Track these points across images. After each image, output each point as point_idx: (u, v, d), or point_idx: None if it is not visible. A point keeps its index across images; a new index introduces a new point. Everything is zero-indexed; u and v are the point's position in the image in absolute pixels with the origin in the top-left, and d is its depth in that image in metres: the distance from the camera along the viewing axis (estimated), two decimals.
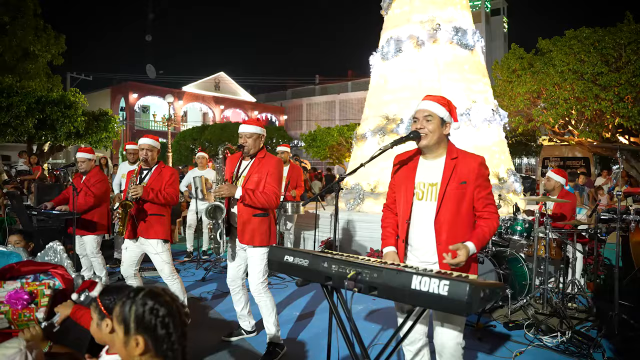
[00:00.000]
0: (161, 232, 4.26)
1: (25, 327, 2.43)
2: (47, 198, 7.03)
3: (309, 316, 4.87)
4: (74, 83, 26.17)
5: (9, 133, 10.80)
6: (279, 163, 3.92)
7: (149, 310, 1.46)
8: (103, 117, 13.01)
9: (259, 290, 3.84)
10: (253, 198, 3.68)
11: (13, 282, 2.57)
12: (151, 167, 4.42)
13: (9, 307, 2.43)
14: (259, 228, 3.80)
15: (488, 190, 2.55)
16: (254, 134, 3.85)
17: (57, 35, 15.89)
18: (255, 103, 38.36)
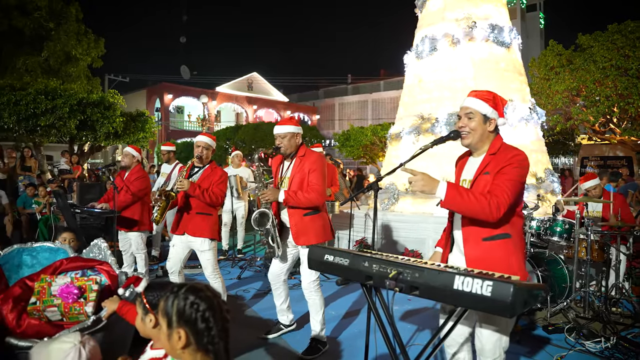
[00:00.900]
0: (208, 230, 4.32)
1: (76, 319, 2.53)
2: (89, 196, 7.28)
3: (345, 316, 4.88)
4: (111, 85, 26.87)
5: (52, 134, 11.21)
6: (320, 159, 3.88)
7: (190, 304, 1.50)
8: (140, 117, 13.37)
9: (310, 288, 3.88)
10: (296, 199, 3.70)
11: (64, 277, 2.68)
12: (203, 166, 4.46)
13: (61, 300, 2.54)
14: (312, 227, 3.81)
15: (505, 177, 2.32)
16: (288, 134, 3.84)
17: (96, 39, 16.40)
18: (288, 103, 38.58)
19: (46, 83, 10.88)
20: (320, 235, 3.82)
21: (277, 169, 4.05)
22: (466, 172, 2.61)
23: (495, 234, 2.39)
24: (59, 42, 14.83)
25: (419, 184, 2.29)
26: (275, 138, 3.92)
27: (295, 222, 3.81)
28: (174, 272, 4.47)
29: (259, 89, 36.43)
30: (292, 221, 3.82)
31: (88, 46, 15.87)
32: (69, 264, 2.83)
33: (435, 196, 2.32)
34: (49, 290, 2.57)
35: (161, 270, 6.65)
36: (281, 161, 4.02)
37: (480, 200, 2.27)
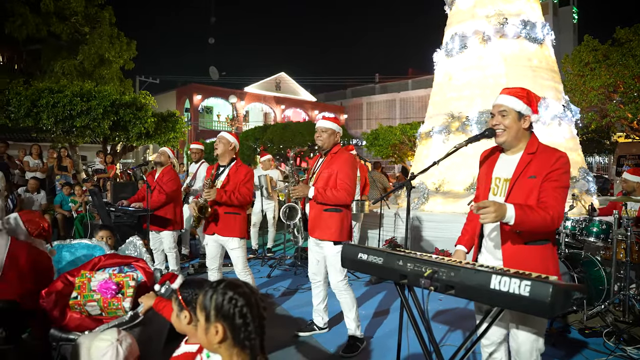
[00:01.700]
0: (237, 230, 4.38)
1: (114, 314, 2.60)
2: (123, 195, 7.43)
3: (374, 315, 4.87)
4: (142, 86, 27.42)
5: (87, 134, 11.53)
6: (350, 158, 3.91)
7: (229, 299, 1.51)
8: (171, 118, 13.62)
9: (340, 287, 3.90)
10: (324, 196, 3.76)
11: (102, 273, 2.75)
12: (227, 164, 4.50)
13: (100, 295, 2.61)
14: (329, 223, 3.84)
15: (556, 184, 2.31)
16: (329, 129, 3.93)
17: (128, 42, 16.77)
18: (316, 102, 38.68)
19: (81, 85, 11.18)
20: (335, 234, 3.83)
21: (313, 164, 4.13)
22: (500, 170, 2.55)
23: (538, 238, 2.36)
24: (93, 46, 15.23)
25: (491, 216, 2.18)
26: (315, 131, 4.00)
27: (314, 215, 3.89)
28: (213, 270, 4.55)
29: (287, 89, 36.63)
30: (311, 214, 3.91)
31: (120, 49, 16.24)
32: (106, 261, 2.91)
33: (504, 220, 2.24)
34: (89, 285, 2.65)
35: (192, 268, 6.76)
36: (317, 158, 4.10)
37: (542, 215, 2.23)
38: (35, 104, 10.35)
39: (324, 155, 4.00)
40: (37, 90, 10.54)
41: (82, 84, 11.37)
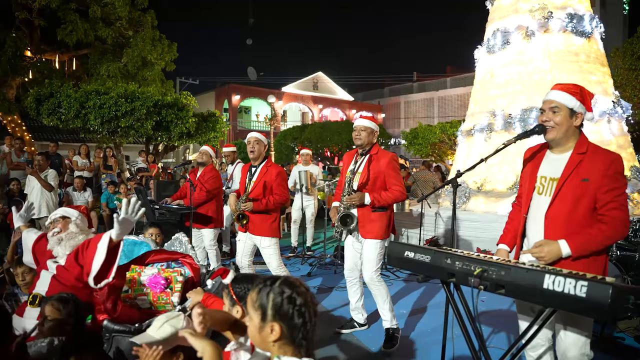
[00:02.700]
0: (268, 229, 4.43)
1: (163, 308, 2.67)
2: (165, 194, 7.61)
3: (416, 313, 4.82)
4: (182, 87, 28.05)
5: (131, 134, 11.88)
6: (394, 158, 3.97)
7: (288, 299, 1.49)
8: (211, 117, 13.90)
9: (373, 280, 3.93)
10: (381, 201, 3.82)
11: (151, 268, 2.83)
12: (259, 164, 4.55)
13: (150, 290, 2.68)
14: (378, 223, 3.90)
15: (617, 192, 2.25)
16: (368, 128, 3.96)
17: (170, 44, 17.15)
18: (353, 102, 38.61)
19: (126, 87, 11.53)
20: (383, 233, 3.93)
21: (348, 164, 4.12)
22: (546, 169, 2.48)
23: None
24: (137, 48, 15.64)
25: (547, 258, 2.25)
26: (354, 130, 4.02)
27: (363, 215, 3.92)
28: (243, 267, 4.61)
29: (324, 89, 36.71)
30: (360, 214, 3.93)
31: (162, 51, 16.63)
32: (155, 256, 2.99)
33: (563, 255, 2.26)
34: (139, 279, 2.73)
35: (233, 265, 6.85)
36: (353, 157, 4.09)
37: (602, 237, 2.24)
38: (84, 105, 10.76)
39: (362, 155, 4.00)
40: (85, 92, 10.95)
41: (127, 86, 11.73)
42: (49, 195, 7.01)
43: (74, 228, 3.09)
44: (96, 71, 15.67)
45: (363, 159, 3.98)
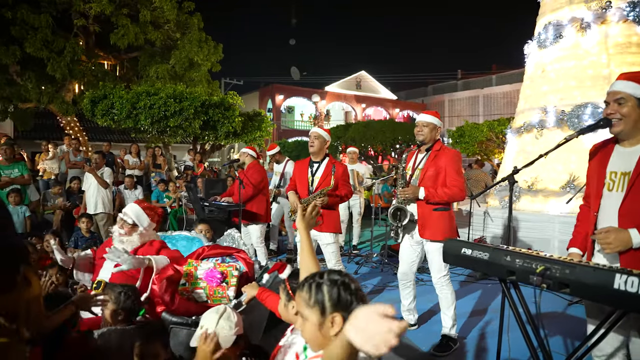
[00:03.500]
0: (332, 225, 4.44)
1: (218, 302, 2.72)
2: (213, 191, 7.79)
3: (471, 314, 4.72)
4: (227, 88, 28.55)
5: (179, 134, 12.19)
6: (457, 155, 3.87)
7: (342, 286, 1.47)
8: (257, 117, 14.10)
9: (441, 282, 3.85)
10: (437, 196, 3.70)
11: (207, 262, 2.90)
12: (321, 160, 4.55)
13: (206, 283, 2.75)
14: (440, 222, 3.78)
15: None
16: (431, 124, 3.86)
17: (215, 45, 17.50)
18: (396, 100, 38.28)
19: (174, 87, 11.84)
20: (446, 232, 3.76)
21: (408, 161, 4.05)
22: (616, 164, 2.34)
23: None
24: (184, 50, 16.03)
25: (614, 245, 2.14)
26: (416, 125, 3.94)
27: (424, 215, 3.80)
28: None
29: (367, 87, 36.55)
30: (420, 213, 3.82)
31: (208, 52, 16.97)
32: (210, 251, 3.06)
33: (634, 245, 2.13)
34: (196, 273, 2.80)
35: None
36: (415, 154, 4.02)
37: None
38: (135, 106, 11.12)
39: (425, 151, 3.92)
40: (136, 93, 11.31)
41: (175, 87, 12.04)
42: (104, 192, 7.30)
43: (136, 238, 3.24)
44: (145, 73, 16.17)
45: (425, 155, 3.89)
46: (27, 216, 7.02)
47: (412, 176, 3.89)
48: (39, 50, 13.41)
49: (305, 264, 1.87)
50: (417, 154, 3.97)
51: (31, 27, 13.48)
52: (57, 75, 13.95)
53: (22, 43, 13.37)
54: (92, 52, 16.11)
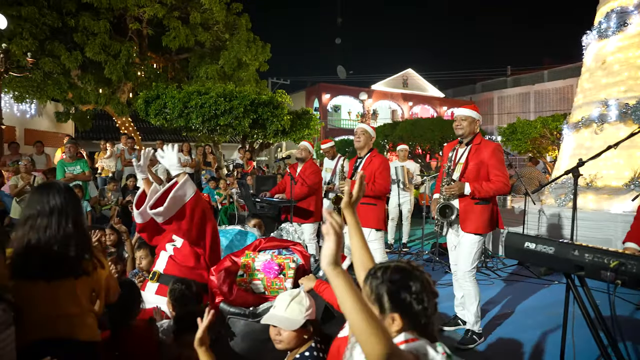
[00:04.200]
0: (373, 220, 4.41)
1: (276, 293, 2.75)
2: (264, 188, 7.87)
3: (521, 316, 4.58)
4: (274, 87, 28.88)
5: (229, 132, 12.45)
6: (498, 148, 3.80)
7: (402, 287, 1.44)
8: (305, 115, 14.20)
9: (466, 277, 3.81)
10: (482, 191, 3.65)
11: (264, 254, 2.93)
12: (364, 155, 4.57)
13: (264, 275, 2.78)
14: (481, 216, 3.75)
15: None
16: (469, 117, 3.82)
17: (263, 45, 17.75)
18: (444, 98, 37.65)
19: (224, 87, 12.10)
20: (487, 227, 3.77)
21: (447, 155, 4.00)
22: None
23: None
24: (232, 50, 16.35)
25: None
26: (454, 120, 3.90)
27: (465, 207, 3.77)
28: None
29: (414, 85, 36.12)
30: (462, 207, 3.78)
31: (256, 52, 17.24)
32: (266, 243, 3.09)
33: None
34: (253, 265, 2.84)
35: None
36: (453, 148, 3.96)
37: None
38: (186, 105, 11.44)
39: (465, 145, 3.85)
40: (188, 93, 11.64)
41: (225, 86, 12.30)
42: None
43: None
44: (196, 74, 16.60)
45: (465, 150, 3.84)
46: (88, 211, 7.34)
47: (453, 171, 3.84)
48: (98, 55, 14.04)
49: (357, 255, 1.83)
50: (457, 148, 3.92)
51: (91, 33, 14.13)
52: (114, 77, 14.57)
53: (83, 48, 14.04)
54: (145, 55, 16.71)
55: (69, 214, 2.06)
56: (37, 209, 2.02)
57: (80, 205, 2.19)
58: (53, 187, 2.10)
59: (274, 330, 2.20)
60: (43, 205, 2.03)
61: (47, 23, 13.42)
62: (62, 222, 2.03)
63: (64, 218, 2.04)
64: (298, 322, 2.16)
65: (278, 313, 2.20)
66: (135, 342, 2.41)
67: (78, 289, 2.03)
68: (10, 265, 1.95)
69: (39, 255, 1.97)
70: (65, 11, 13.96)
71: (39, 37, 13.37)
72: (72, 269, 2.01)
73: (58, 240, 2.00)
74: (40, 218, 2.01)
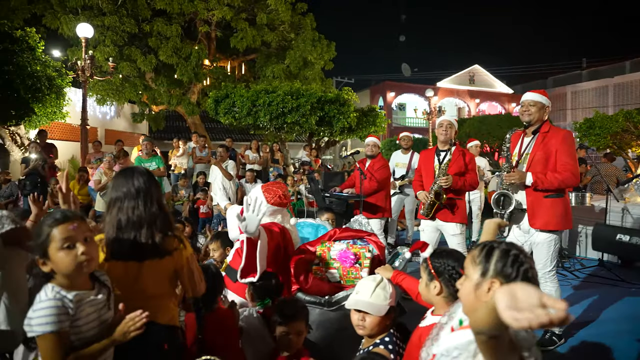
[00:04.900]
0: (459, 215, 4.31)
1: (351, 283, 2.76)
2: (332, 184, 7.93)
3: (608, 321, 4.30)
4: (339, 86, 28.99)
5: (296, 130, 12.64)
6: (569, 136, 3.49)
7: (512, 259, 1.42)
8: (371, 112, 14.17)
9: (546, 277, 3.57)
10: (546, 182, 3.38)
11: (340, 243, 2.95)
12: (448, 149, 4.45)
13: (340, 264, 2.80)
14: (552, 210, 3.47)
15: None
16: (538, 103, 3.54)
17: (328, 44, 17.86)
18: (513, 95, 36.26)
19: (291, 85, 12.31)
20: (560, 222, 3.46)
21: (515, 146, 3.75)
22: None
23: None
24: (298, 50, 16.59)
25: None
26: (522, 105, 3.64)
27: (533, 202, 3.51)
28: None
29: (481, 82, 35.06)
30: (529, 201, 3.52)
31: (321, 51, 17.38)
32: (341, 233, 3.10)
33: None
34: (329, 254, 2.86)
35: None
36: (520, 138, 3.73)
37: None
38: (255, 103, 11.74)
39: (532, 134, 3.59)
40: (256, 91, 11.94)
41: (292, 84, 12.51)
42: (228, 184, 7.78)
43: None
44: (262, 73, 17.00)
45: (532, 139, 3.58)
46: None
47: (520, 162, 3.58)
48: (170, 57, 14.73)
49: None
50: (523, 138, 3.66)
51: (164, 37, 14.84)
52: (185, 79, 15.22)
53: (157, 52, 14.79)
54: (213, 56, 17.30)
55: (153, 195, 2.11)
56: (123, 192, 2.07)
57: (159, 188, 2.24)
58: (135, 170, 2.15)
59: (358, 315, 2.19)
60: (129, 187, 2.07)
61: (125, 30, 14.26)
62: (147, 203, 2.07)
63: (149, 199, 2.09)
64: (384, 308, 2.15)
65: (363, 298, 2.18)
66: (218, 327, 2.48)
67: (162, 270, 2.08)
68: (103, 247, 2.04)
69: (130, 236, 2.03)
70: (142, 18, 14.77)
71: (119, 44, 14.27)
72: (159, 248, 2.05)
73: (146, 220, 2.05)
74: (127, 200, 2.06)
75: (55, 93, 10.18)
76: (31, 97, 9.41)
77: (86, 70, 10.43)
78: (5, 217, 2.13)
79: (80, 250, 1.73)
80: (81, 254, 1.73)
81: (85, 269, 1.76)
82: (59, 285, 1.75)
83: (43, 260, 1.75)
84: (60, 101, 10.51)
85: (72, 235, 1.74)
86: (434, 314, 2.05)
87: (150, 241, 2.04)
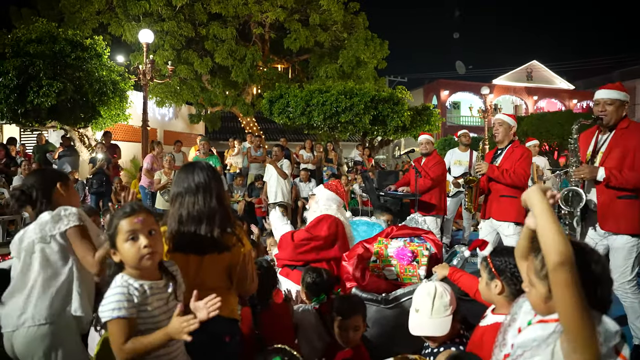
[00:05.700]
0: (513, 214, 4.11)
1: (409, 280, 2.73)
2: (386, 183, 7.88)
3: None
4: (392, 85, 28.73)
5: (349, 129, 12.65)
6: None
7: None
8: (425, 111, 13.98)
9: (624, 288, 3.25)
10: (620, 178, 3.11)
11: (397, 241, 2.92)
12: (505, 147, 4.32)
13: (397, 261, 2.77)
14: (626, 212, 3.18)
15: None
16: (616, 101, 3.24)
17: (381, 43, 17.72)
18: (574, 91, 34.64)
19: (344, 84, 12.33)
20: (635, 225, 3.16)
21: (587, 143, 3.48)
22: None
23: None
24: (351, 49, 16.55)
25: None
26: (596, 104, 3.37)
27: (604, 202, 3.23)
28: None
29: (540, 78, 33.73)
30: (601, 201, 3.24)
31: (374, 49, 17.27)
32: (398, 231, 3.07)
33: None
34: (386, 251, 2.84)
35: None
36: (594, 135, 3.48)
37: None
38: (308, 103, 11.84)
39: (608, 130, 3.34)
40: (309, 91, 12.05)
41: (345, 84, 12.52)
42: (283, 183, 7.88)
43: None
44: (315, 74, 17.09)
45: (608, 135, 3.32)
46: None
47: (594, 161, 3.32)
48: (225, 59, 15.10)
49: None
50: (598, 135, 3.40)
51: (220, 40, 15.23)
52: (240, 80, 15.55)
53: (213, 54, 15.20)
54: (267, 58, 17.58)
55: (213, 190, 2.15)
56: (184, 187, 2.14)
57: (222, 182, 2.29)
58: (197, 166, 2.20)
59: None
60: (189, 183, 2.14)
61: (183, 34, 14.76)
62: (207, 198, 2.12)
63: (209, 194, 2.13)
64: (447, 322, 2.09)
65: (424, 320, 2.12)
66: (273, 322, 2.51)
67: (221, 264, 2.13)
68: (166, 240, 2.11)
69: (190, 230, 2.08)
70: (198, 22, 15.24)
71: (177, 47, 14.79)
72: (218, 243, 2.09)
73: (205, 215, 2.09)
74: (187, 195, 2.12)
75: (119, 96, 10.71)
76: (98, 100, 9.95)
77: (147, 74, 10.88)
78: (73, 214, 2.25)
79: (143, 243, 1.79)
80: (144, 247, 1.79)
81: (148, 261, 1.82)
82: (128, 274, 1.83)
83: (114, 250, 1.83)
84: (123, 104, 11.05)
85: (136, 228, 1.80)
86: (495, 313, 1.99)
87: (210, 235, 2.09)
